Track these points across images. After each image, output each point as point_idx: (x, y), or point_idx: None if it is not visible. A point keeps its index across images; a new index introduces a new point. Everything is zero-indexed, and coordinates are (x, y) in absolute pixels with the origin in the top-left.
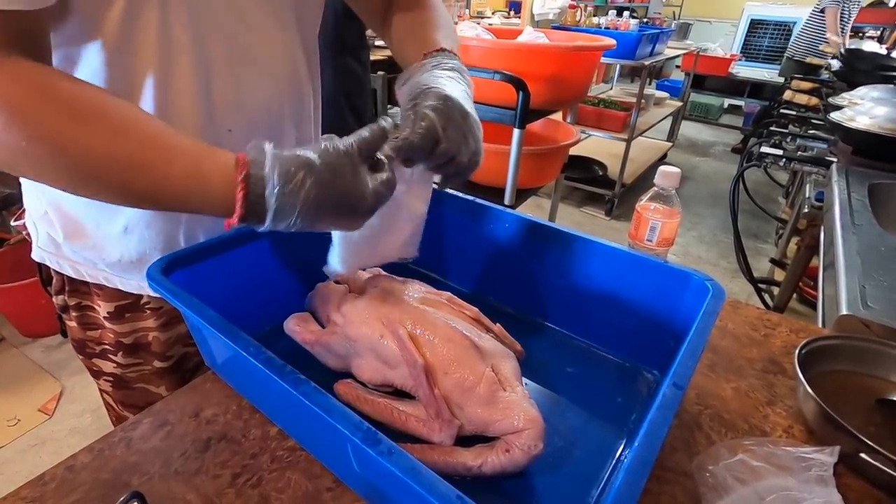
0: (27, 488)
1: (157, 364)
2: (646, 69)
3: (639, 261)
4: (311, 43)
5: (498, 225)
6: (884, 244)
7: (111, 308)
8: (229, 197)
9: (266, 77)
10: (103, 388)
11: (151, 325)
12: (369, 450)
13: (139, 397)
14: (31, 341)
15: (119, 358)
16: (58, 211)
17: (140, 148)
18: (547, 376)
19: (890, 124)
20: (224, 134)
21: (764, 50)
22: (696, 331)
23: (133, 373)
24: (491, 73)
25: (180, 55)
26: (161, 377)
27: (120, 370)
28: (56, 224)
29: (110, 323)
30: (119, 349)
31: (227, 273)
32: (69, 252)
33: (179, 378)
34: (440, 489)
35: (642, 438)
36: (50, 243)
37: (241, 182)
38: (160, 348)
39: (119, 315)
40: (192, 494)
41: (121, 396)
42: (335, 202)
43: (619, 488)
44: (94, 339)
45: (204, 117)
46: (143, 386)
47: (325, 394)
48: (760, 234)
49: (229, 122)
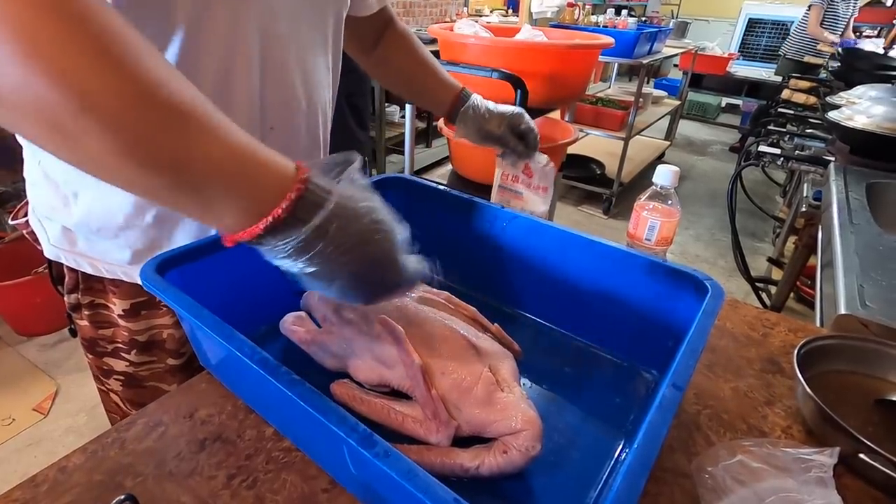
0: (19, 490)
1: (170, 361)
2: (644, 68)
3: (637, 260)
4: (338, 47)
5: (496, 223)
6: (882, 243)
7: (126, 305)
8: (260, 204)
9: (308, 80)
10: (112, 388)
11: (167, 321)
12: (365, 452)
13: (150, 396)
14: (27, 340)
15: (132, 356)
16: (80, 200)
17: (188, 109)
18: (545, 376)
19: (888, 123)
20: (267, 131)
21: (762, 49)
22: (695, 331)
23: (145, 371)
24: (489, 71)
25: (245, 51)
26: (174, 374)
27: (132, 368)
28: (76, 215)
29: (125, 321)
30: (133, 347)
31: (223, 272)
32: (86, 248)
33: (190, 375)
34: (437, 492)
35: (641, 439)
36: (64, 240)
37: (298, 184)
38: (174, 345)
39: (135, 312)
40: (186, 496)
41: (131, 395)
42: (373, 259)
43: (618, 490)
44: (106, 337)
45: (257, 112)
46: (154, 384)
47: (321, 395)
48: (758, 233)
49: (273, 119)
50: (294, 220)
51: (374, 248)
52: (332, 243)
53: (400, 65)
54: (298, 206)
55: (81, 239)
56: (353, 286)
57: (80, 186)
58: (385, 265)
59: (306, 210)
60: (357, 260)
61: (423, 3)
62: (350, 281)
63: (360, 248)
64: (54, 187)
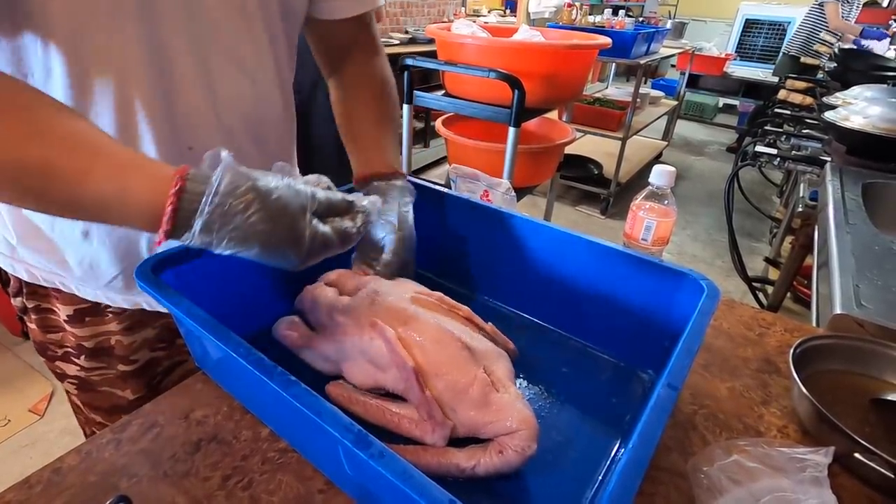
0: (12, 491)
1: (121, 368)
2: (641, 68)
3: (634, 259)
4: (286, 57)
5: (491, 223)
6: (877, 243)
7: (70, 311)
8: (156, 211)
9: (235, 93)
10: (69, 391)
11: (114, 328)
12: (360, 452)
13: (104, 400)
14: (22, 341)
15: (82, 361)
16: (12, 213)
17: (56, 153)
18: (541, 376)
19: (884, 124)
20: (186, 151)
21: (759, 49)
22: (690, 330)
23: (97, 376)
24: (486, 71)
25: (136, 71)
26: (126, 381)
27: (84, 373)
28: (10, 226)
29: (70, 326)
30: (81, 352)
31: (216, 275)
32: (25, 255)
33: (146, 382)
34: (432, 493)
35: (637, 439)
36: (5, 246)
37: (172, 196)
38: (124, 352)
39: (79, 318)
40: (181, 497)
41: (86, 399)
42: (269, 236)
43: (613, 489)
44: (55, 341)
45: (166, 132)
46: (107, 389)
47: (316, 395)
48: (755, 233)
49: (189, 139)
50: (182, 224)
51: (263, 226)
52: (223, 232)
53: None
54: (179, 216)
55: (20, 247)
56: (271, 258)
57: None
58: (282, 235)
59: (186, 215)
60: (254, 237)
61: (421, 3)
62: (264, 254)
63: (251, 229)
64: None
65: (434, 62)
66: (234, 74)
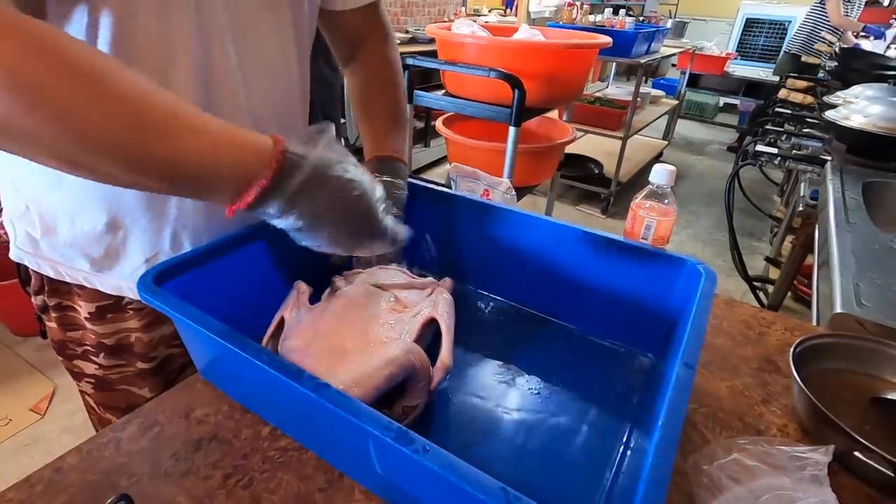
0: (13, 490)
1: (140, 365)
2: (642, 67)
3: (631, 248)
4: (306, 50)
5: (489, 219)
6: (878, 242)
7: (92, 308)
8: (258, 169)
9: (266, 84)
10: (84, 390)
11: (134, 325)
12: (404, 448)
13: (122, 399)
14: (23, 340)
15: (101, 359)
16: (37, 207)
17: (166, 114)
18: (545, 366)
19: (884, 123)
20: None
21: (759, 49)
22: (696, 312)
23: (115, 374)
24: (486, 70)
25: (181, 57)
26: (144, 379)
27: (102, 371)
28: (35, 221)
29: (91, 324)
30: (101, 350)
31: (217, 283)
32: (48, 251)
33: (163, 379)
34: (482, 482)
35: (665, 418)
36: (28, 242)
37: (277, 155)
38: (143, 349)
39: (100, 315)
40: (181, 496)
41: (103, 398)
42: (351, 212)
43: (652, 464)
44: (74, 340)
45: None
46: (125, 388)
47: (348, 396)
48: (755, 233)
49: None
50: (278, 185)
51: (351, 203)
52: (312, 201)
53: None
54: (280, 174)
55: (44, 243)
56: (338, 236)
57: (36, 194)
58: (362, 217)
59: (287, 176)
60: (337, 213)
61: (422, 3)
62: (334, 232)
63: (338, 204)
64: (16, 193)
65: (434, 62)
66: (265, 66)
